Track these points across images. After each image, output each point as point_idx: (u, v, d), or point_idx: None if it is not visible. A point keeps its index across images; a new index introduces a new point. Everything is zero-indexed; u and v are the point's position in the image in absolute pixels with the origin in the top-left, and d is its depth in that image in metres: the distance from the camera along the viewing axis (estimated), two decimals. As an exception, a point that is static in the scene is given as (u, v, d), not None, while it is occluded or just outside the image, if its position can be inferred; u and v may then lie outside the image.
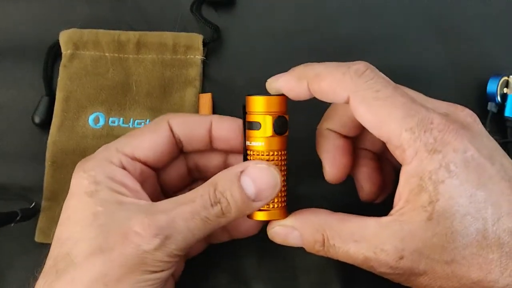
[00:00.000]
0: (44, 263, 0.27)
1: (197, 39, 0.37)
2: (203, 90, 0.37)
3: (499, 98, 0.36)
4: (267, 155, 0.28)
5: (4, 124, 0.37)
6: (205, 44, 0.37)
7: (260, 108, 0.28)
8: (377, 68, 0.28)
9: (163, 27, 0.38)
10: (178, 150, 0.31)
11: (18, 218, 0.33)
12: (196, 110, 0.36)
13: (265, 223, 0.29)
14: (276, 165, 0.28)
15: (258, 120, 0.28)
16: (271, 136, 0.28)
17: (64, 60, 0.37)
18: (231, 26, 0.39)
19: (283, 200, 0.29)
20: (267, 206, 0.28)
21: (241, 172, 0.27)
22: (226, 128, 0.30)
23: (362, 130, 0.30)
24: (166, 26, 0.38)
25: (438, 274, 0.24)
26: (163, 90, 0.36)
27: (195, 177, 0.33)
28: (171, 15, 0.38)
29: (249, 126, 0.28)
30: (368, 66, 0.26)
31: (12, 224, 0.33)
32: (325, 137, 0.30)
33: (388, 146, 0.26)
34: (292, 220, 0.28)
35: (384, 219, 0.25)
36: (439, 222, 0.24)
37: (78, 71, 0.37)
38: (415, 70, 0.38)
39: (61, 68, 0.37)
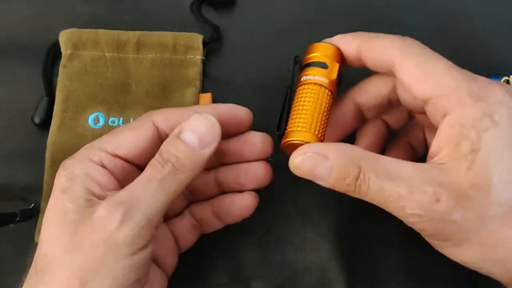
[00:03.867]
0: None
1: (197, 39, 0.37)
2: (203, 90, 0.37)
3: (499, 98, 0.36)
4: (322, 90, 0.29)
5: (4, 124, 0.37)
6: (205, 44, 0.37)
7: (328, 52, 0.29)
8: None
9: (163, 27, 0.38)
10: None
11: (17, 219, 0.33)
12: (196, 110, 0.36)
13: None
14: (327, 102, 0.29)
15: (325, 61, 0.29)
16: (334, 80, 0.29)
17: (63, 60, 0.37)
18: (231, 26, 0.39)
19: (323, 134, 0.28)
20: (309, 129, 0.28)
21: (179, 132, 0.27)
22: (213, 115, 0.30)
23: (384, 107, 0.31)
24: (166, 26, 0.38)
25: (469, 226, 0.24)
26: (163, 90, 0.36)
27: None
28: (171, 15, 0.38)
29: (313, 64, 0.29)
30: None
31: (12, 225, 0.33)
32: (373, 122, 0.32)
33: (430, 103, 0.26)
34: (326, 148, 0.26)
35: (421, 164, 0.25)
36: (478, 173, 0.23)
37: (77, 71, 0.36)
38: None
39: (60, 68, 0.37)
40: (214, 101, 0.37)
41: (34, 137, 0.37)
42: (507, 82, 0.37)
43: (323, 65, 0.29)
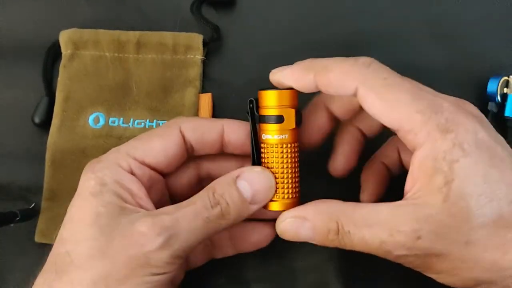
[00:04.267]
0: (45, 262, 0.27)
1: (197, 39, 0.37)
2: (203, 90, 0.37)
3: (499, 98, 0.36)
4: (285, 147, 0.28)
5: (4, 125, 0.37)
6: (205, 44, 0.37)
7: (282, 101, 0.28)
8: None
9: (163, 27, 0.38)
10: (188, 155, 0.31)
11: (17, 218, 0.33)
12: (196, 110, 0.36)
13: (275, 237, 0.30)
14: (293, 156, 0.28)
15: (281, 114, 0.28)
16: (293, 129, 0.28)
17: (64, 60, 0.37)
18: (231, 26, 0.39)
19: (296, 191, 0.29)
20: (281, 196, 0.28)
21: (237, 176, 0.27)
22: (238, 133, 0.30)
23: (357, 111, 0.30)
24: (166, 26, 0.38)
25: (455, 255, 0.24)
26: (163, 90, 0.36)
27: (205, 185, 0.33)
28: (171, 15, 0.38)
29: (268, 120, 0.28)
30: (373, 59, 0.27)
31: (12, 225, 0.33)
32: (349, 131, 0.31)
33: (399, 133, 0.26)
34: (303, 210, 0.27)
35: (397, 203, 0.25)
36: (455, 203, 0.24)
37: (78, 71, 0.36)
38: (415, 70, 0.37)
39: (61, 68, 0.37)
40: (214, 101, 0.37)
41: (34, 137, 0.37)
42: (507, 82, 0.37)
43: (279, 119, 0.28)
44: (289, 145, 0.28)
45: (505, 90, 0.37)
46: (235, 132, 0.30)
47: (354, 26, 0.39)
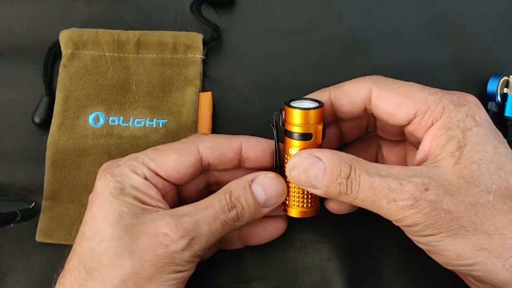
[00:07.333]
0: (66, 260, 0.28)
1: (197, 38, 0.37)
2: (203, 89, 0.37)
3: (499, 98, 0.36)
4: None
5: (4, 124, 0.37)
6: (205, 43, 0.37)
7: (313, 120, 0.28)
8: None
9: (163, 26, 0.38)
10: (202, 170, 0.31)
11: (18, 218, 0.33)
12: (196, 109, 0.36)
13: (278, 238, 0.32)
14: None
15: (310, 131, 0.28)
16: (320, 144, 0.29)
17: (64, 60, 0.37)
18: (231, 26, 0.39)
19: (316, 199, 0.30)
20: (302, 205, 0.30)
21: (252, 180, 0.29)
22: (256, 150, 0.31)
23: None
24: (166, 26, 0.38)
25: (462, 213, 0.24)
26: (163, 89, 0.36)
27: (213, 190, 0.33)
28: (171, 15, 0.38)
29: (298, 137, 0.29)
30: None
31: (12, 225, 0.33)
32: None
33: (415, 120, 0.27)
34: (320, 152, 0.28)
35: (409, 166, 0.27)
36: (466, 166, 0.25)
37: (78, 70, 0.36)
38: (416, 70, 0.38)
39: (61, 68, 0.37)
40: (214, 100, 0.37)
41: (34, 137, 0.37)
42: (507, 82, 0.37)
43: (309, 137, 0.28)
44: None
45: (505, 90, 0.37)
46: (253, 149, 0.31)
47: (355, 25, 0.39)
